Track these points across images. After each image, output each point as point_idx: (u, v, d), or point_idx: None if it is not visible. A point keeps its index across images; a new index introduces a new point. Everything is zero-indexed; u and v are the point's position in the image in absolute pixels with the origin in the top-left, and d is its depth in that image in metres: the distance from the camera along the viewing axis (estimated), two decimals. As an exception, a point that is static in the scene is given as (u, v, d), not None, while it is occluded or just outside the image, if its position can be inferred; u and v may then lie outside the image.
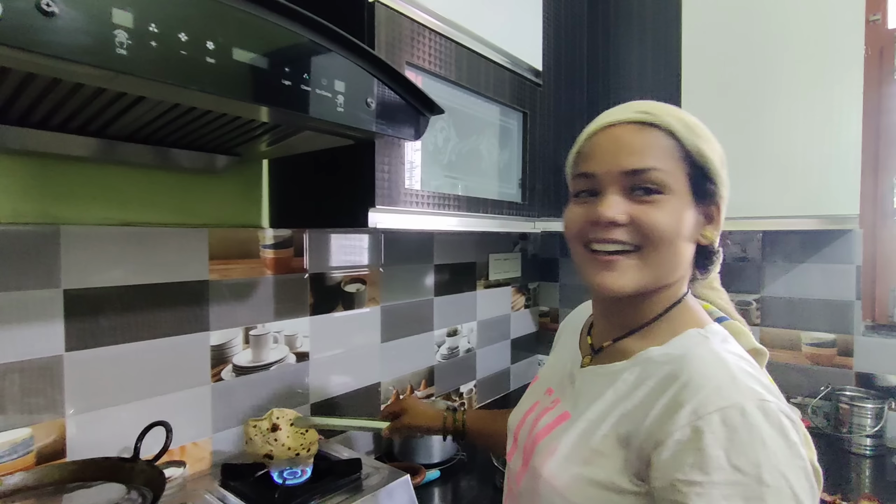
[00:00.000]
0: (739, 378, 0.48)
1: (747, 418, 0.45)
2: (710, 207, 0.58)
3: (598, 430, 0.55)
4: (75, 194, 0.86)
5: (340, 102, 0.66)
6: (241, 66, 0.56)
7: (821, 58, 1.28)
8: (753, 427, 0.45)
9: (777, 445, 0.45)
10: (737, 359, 0.51)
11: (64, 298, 0.84)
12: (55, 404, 0.83)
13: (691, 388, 0.48)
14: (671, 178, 0.55)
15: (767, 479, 0.43)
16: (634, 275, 0.55)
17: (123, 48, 0.46)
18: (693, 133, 0.56)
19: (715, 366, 0.50)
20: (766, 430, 0.45)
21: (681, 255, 0.57)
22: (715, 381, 0.48)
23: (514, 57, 1.22)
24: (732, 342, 0.55)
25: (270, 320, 1.13)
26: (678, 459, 0.46)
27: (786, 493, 0.44)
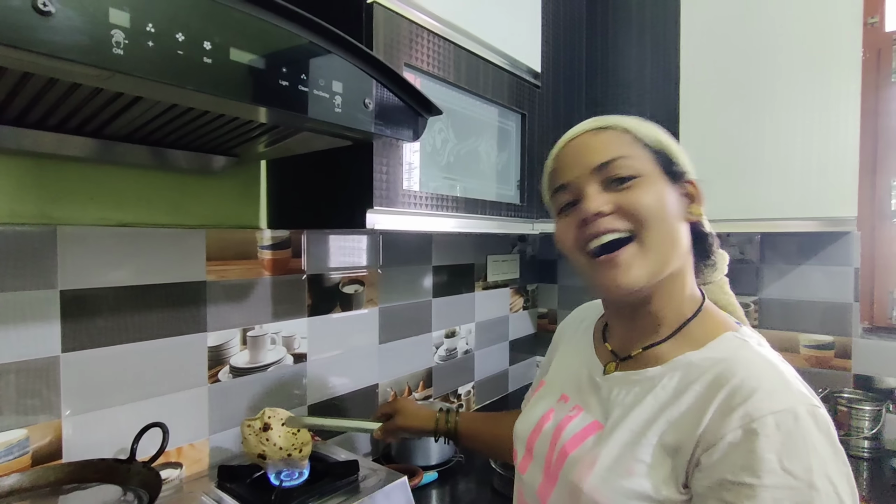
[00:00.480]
0: (791, 382, 0.49)
1: (800, 423, 0.45)
2: (685, 186, 0.60)
3: (643, 439, 0.53)
4: (72, 195, 0.86)
5: (338, 103, 0.66)
6: (238, 66, 0.55)
7: (819, 60, 1.28)
8: (806, 432, 0.45)
9: (826, 452, 0.45)
10: (783, 363, 0.52)
11: (60, 299, 0.83)
12: (51, 405, 0.83)
13: (744, 390, 0.48)
14: (639, 163, 0.57)
15: (818, 483, 0.44)
16: (639, 265, 0.55)
17: (120, 48, 0.46)
18: (645, 127, 0.60)
19: (765, 369, 0.50)
20: (816, 436, 0.45)
21: (676, 232, 0.57)
22: (768, 383, 0.48)
23: (513, 58, 1.22)
24: (767, 345, 0.56)
25: (268, 321, 1.13)
26: (729, 460, 0.46)
27: (833, 498, 0.44)
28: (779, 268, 1.63)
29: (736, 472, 0.46)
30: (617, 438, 0.55)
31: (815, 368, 1.58)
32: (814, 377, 1.58)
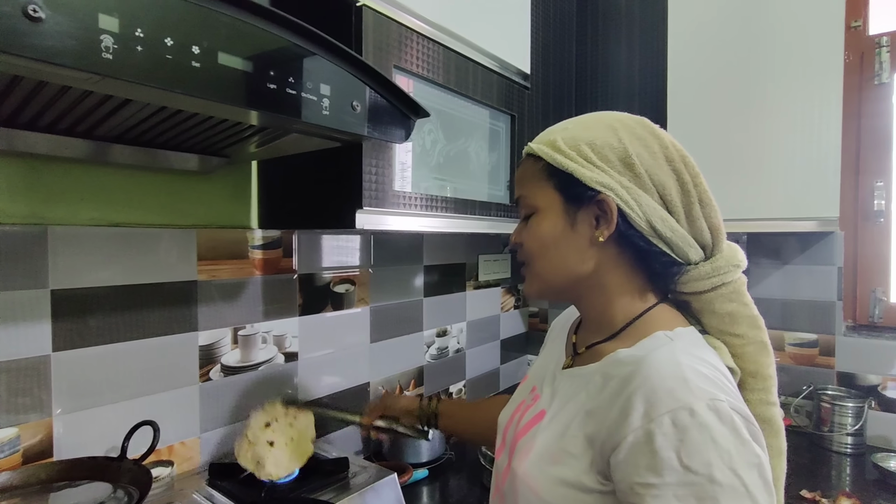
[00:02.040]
0: (691, 379, 0.49)
1: (697, 418, 0.46)
2: (595, 207, 0.59)
3: (569, 431, 0.56)
4: (63, 195, 0.87)
5: (326, 106, 0.67)
6: (226, 69, 0.57)
7: (803, 63, 1.31)
8: (704, 426, 0.46)
9: (729, 443, 0.46)
10: (694, 360, 0.52)
11: (51, 299, 0.84)
12: (42, 404, 0.84)
13: (643, 390, 0.49)
14: (539, 199, 0.63)
15: (719, 477, 0.45)
16: (530, 282, 0.66)
17: (109, 52, 0.47)
18: (554, 149, 0.61)
19: (669, 367, 0.50)
20: (716, 429, 0.46)
21: (566, 260, 0.62)
22: (667, 382, 0.49)
23: (502, 60, 1.24)
24: (702, 347, 0.57)
25: (259, 321, 1.14)
26: (633, 462, 0.48)
27: (739, 490, 0.45)
28: (764, 267, 1.65)
29: (640, 473, 0.47)
30: (551, 429, 0.59)
31: (799, 366, 1.61)
32: (798, 375, 1.60)
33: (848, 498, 1.15)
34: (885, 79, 1.50)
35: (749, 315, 0.60)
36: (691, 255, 0.60)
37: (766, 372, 0.60)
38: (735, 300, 0.60)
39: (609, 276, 0.61)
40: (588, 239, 0.60)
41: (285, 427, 0.95)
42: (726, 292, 0.60)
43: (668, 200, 0.58)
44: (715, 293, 0.60)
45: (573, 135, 0.61)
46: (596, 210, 0.59)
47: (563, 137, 0.61)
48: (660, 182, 0.58)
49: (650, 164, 0.58)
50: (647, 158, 0.58)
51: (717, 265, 0.59)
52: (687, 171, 0.59)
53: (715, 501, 0.44)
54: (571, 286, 0.63)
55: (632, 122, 0.61)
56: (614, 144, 0.59)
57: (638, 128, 0.60)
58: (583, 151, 0.59)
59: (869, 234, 1.56)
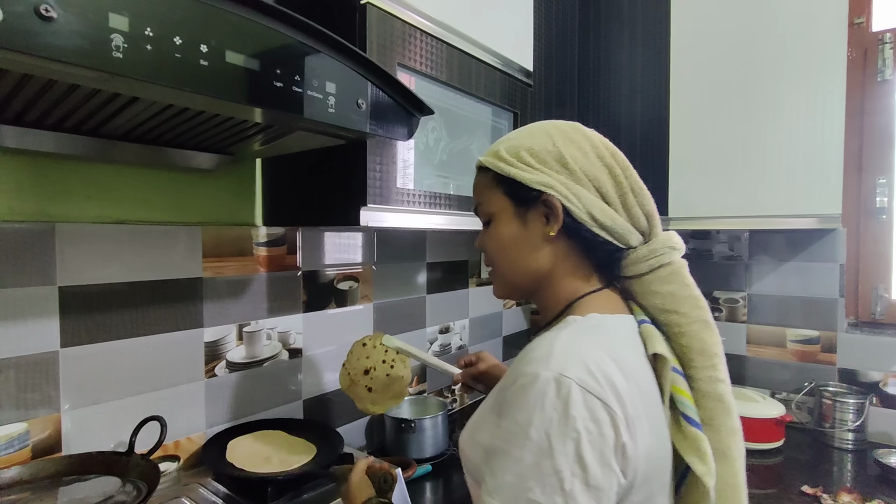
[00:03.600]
0: (555, 354, 0.55)
1: (537, 385, 0.53)
2: (542, 206, 0.64)
3: (492, 401, 0.63)
4: (70, 192, 0.87)
5: (331, 103, 0.68)
6: (233, 68, 0.57)
7: (806, 59, 1.31)
8: (539, 393, 0.53)
9: (554, 413, 0.52)
10: (576, 340, 0.57)
11: (59, 295, 0.85)
12: (51, 399, 0.84)
13: (519, 361, 0.58)
14: (493, 206, 0.68)
15: (532, 434, 0.52)
16: (496, 283, 0.72)
17: (119, 51, 0.48)
18: (498, 158, 0.67)
19: (546, 343, 0.57)
20: (549, 398, 0.52)
21: (523, 259, 0.67)
22: (536, 353, 0.56)
23: (505, 58, 1.24)
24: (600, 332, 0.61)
25: (264, 317, 1.15)
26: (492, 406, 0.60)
27: (544, 450, 0.51)
28: (767, 264, 1.66)
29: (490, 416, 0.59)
30: (485, 401, 0.67)
31: (801, 362, 1.61)
32: (800, 371, 1.61)
33: (849, 493, 1.16)
34: (888, 76, 1.50)
35: (690, 295, 0.64)
36: (631, 241, 0.65)
37: (712, 350, 0.63)
38: (674, 281, 0.65)
39: (559, 269, 0.66)
40: (540, 236, 0.65)
41: (383, 376, 1.01)
42: (665, 274, 0.65)
43: (603, 192, 0.63)
44: (654, 275, 0.65)
45: (514, 143, 0.66)
46: (543, 208, 0.64)
47: (505, 147, 0.67)
48: (594, 176, 0.63)
49: (583, 161, 0.64)
50: (579, 157, 0.64)
51: (653, 248, 0.64)
52: (617, 164, 0.64)
53: (521, 451, 0.52)
54: (532, 283, 0.68)
55: (566, 127, 0.66)
56: (549, 148, 0.64)
57: (571, 131, 0.66)
58: (522, 157, 0.65)
59: (871, 231, 1.56)
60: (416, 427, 1.29)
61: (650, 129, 1.50)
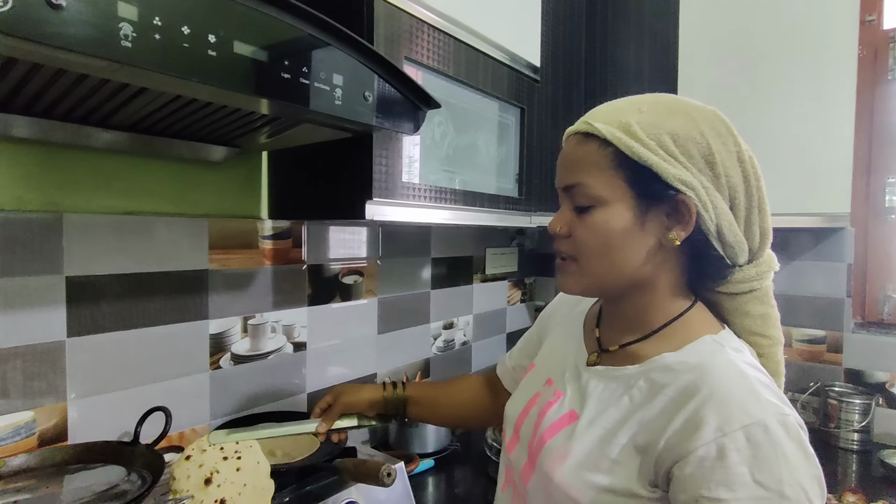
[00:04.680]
0: (761, 393, 0.50)
1: (770, 435, 0.47)
2: (668, 206, 0.55)
3: (615, 438, 0.55)
4: (78, 183, 0.88)
5: (338, 96, 0.68)
6: (241, 58, 0.57)
7: (815, 57, 1.30)
8: (776, 443, 0.47)
9: (797, 459, 0.47)
10: (755, 371, 0.53)
11: (66, 285, 0.85)
12: (57, 389, 0.85)
13: (714, 403, 0.49)
14: (604, 190, 0.56)
15: (788, 492, 0.46)
16: (576, 279, 0.61)
17: (128, 41, 0.48)
18: (631, 136, 0.54)
19: (736, 379, 0.51)
20: (787, 446, 0.47)
21: (625, 261, 0.57)
22: (738, 395, 0.49)
23: (512, 53, 1.24)
24: (746, 352, 0.58)
25: (269, 310, 1.15)
26: (703, 476, 0.48)
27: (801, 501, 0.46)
28: (773, 263, 1.65)
29: (711, 487, 0.47)
30: (590, 434, 0.57)
31: (807, 362, 1.61)
32: (806, 371, 1.60)
33: (854, 494, 1.15)
34: (899, 74, 1.48)
35: (777, 316, 0.62)
36: (740, 259, 0.57)
37: (781, 370, 0.62)
38: (766, 302, 0.61)
39: (661, 278, 0.59)
40: (657, 240, 0.56)
41: (232, 477, 0.73)
42: (760, 294, 0.60)
43: (735, 204, 0.55)
44: (751, 295, 0.59)
45: (652, 121, 0.54)
46: (668, 209, 0.55)
47: (639, 122, 0.54)
48: (732, 184, 0.55)
49: (728, 163, 0.55)
50: (725, 157, 0.54)
51: (761, 269, 0.58)
52: (753, 173, 0.56)
53: None
54: (625, 287, 0.59)
55: (710, 114, 0.57)
56: (697, 138, 0.54)
57: (716, 121, 0.56)
58: (665, 143, 0.53)
59: (880, 230, 1.55)
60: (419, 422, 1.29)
61: (657, 126, 1.49)
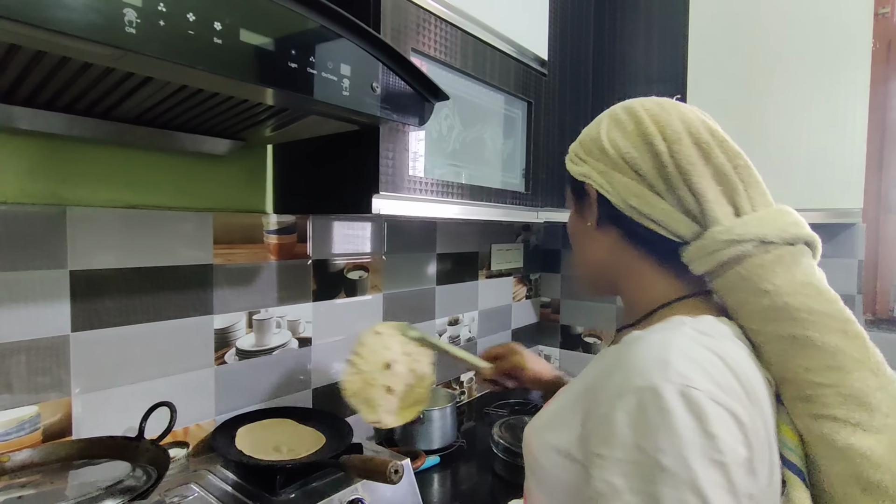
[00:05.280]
0: (672, 361, 0.46)
1: (660, 402, 0.44)
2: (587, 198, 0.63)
3: (568, 401, 0.59)
4: (82, 176, 0.87)
5: (346, 86, 0.67)
6: (248, 47, 0.56)
7: (828, 51, 1.28)
8: (665, 412, 0.44)
9: (688, 433, 0.43)
10: (695, 344, 0.49)
11: (70, 279, 0.85)
12: (61, 383, 0.84)
13: (623, 367, 0.49)
14: (567, 201, 0.70)
15: (667, 463, 0.43)
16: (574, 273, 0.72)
17: (132, 27, 0.47)
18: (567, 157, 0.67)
19: (656, 347, 0.49)
20: (679, 418, 0.44)
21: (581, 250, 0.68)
22: (644, 361, 0.48)
23: (520, 46, 1.22)
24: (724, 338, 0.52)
25: (274, 305, 1.14)
26: (595, 432, 0.49)
27: (684, 480, 0.43)
28: (782, 260, 1.63)
29: (596, 443, 0.48)
30: (558, 399, 0.62)
31: (816, 360, 1.59)
32: (815, 369, 1.58)
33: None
34: (912, 68, 1.46)
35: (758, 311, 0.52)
36: (680, 229, 0.55)
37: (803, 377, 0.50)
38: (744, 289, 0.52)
39: (634, 267, 0.61)
40: (593, 226, 0.64)
41: (405, 371, 0.79)
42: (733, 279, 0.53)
43: (642, 174, 0.56)
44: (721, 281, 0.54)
45: (577, 139, 0.66)
46: (588, 199, 0.63)
47: (572, 145, 0.67)
48: (631, 158, 0.57)
49: (622, 143, 0.58)
50: (619, 139, 0.58)
51: (713, 238, 0.53)
52: (664, 139, 0.55)
53: (654, 485, 0.43)
54: (599, 276, 0.67)
55: (618, 108, 0.61)
56: (593, 135, 0.62)
57: (620, 112, 0.61)
58: (575, 150, 0.65)
59: (891, 226, 1.52)
60: (424, 418, 1.29)
61: (666, 120, 1.47)
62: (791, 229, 0.52)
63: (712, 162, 0.54)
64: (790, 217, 0.53)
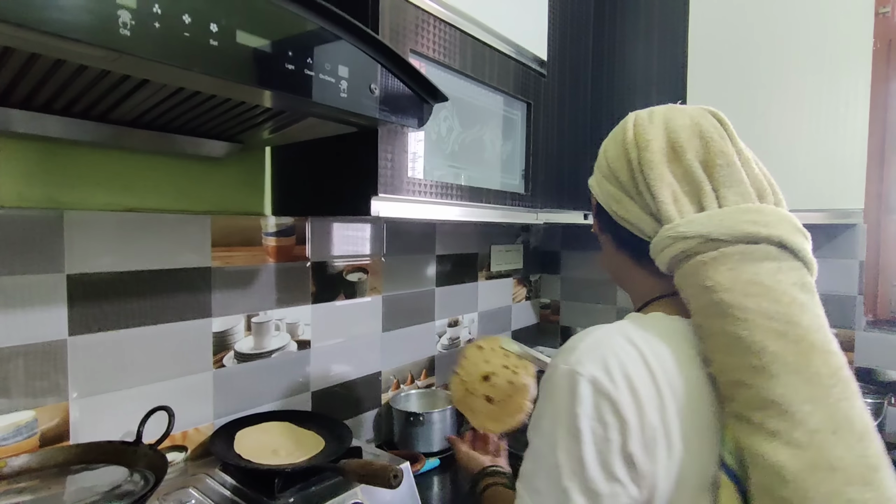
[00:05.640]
0: (576, 349, 0.54)
1: (553, 377, 0.54)
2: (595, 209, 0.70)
3: None
4: (79, 179, 0.86)
5: (344, 88, 0.66)
6: (244, 49, 0.55)
7: (829, 50, 1.27)
8: (553, 384, 0.54)
9: (561, 406, 0.52)
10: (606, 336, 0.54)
11: (67, 283, 0.84)
12: (59, 388, 0.84)
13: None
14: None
15: (543, 424, 0.54)
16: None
17: (127, 28, 0.46)
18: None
19: (579, 337, 0.56)
20: (559, 389, 0.52)
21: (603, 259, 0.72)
22: (564, 347, 0.56)
23: (519, 46, 1.22)
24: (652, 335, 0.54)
25: (272, 308, 1.13)
26: None
27: (548, 440, 0.52)
28: (783, 260, 1.62)
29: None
30: None
31: (817, 361, 1.58)
32: (816, 370, 1.57)
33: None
34: (912, 67, 1.45)
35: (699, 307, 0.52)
36: (646, 229, 0.58)
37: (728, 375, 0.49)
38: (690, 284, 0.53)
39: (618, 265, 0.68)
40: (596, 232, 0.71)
41: (504, 383, 0.86)
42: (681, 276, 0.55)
43: (621, 181, 0.61)
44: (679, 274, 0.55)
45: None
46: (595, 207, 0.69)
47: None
48: (615, 167, 0.62)
49: (612, 153, 0.63)
50: (610, 148, 0.64)
51: (664, 235, 0.55)
52: (636, 146, 0.59)
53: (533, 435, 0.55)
54: (612, 278, 0.72)
55: (623, 122, 0.64)
56: (601, 152, 0.67)
57: (620, 124, 0.65)
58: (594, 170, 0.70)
59: (892, 227, 1.52)
60: (424, 420, 1.28)
61: (666, 121, 1.46)
62: (744, 227, 0.51)
63: (682, 163, 0.57)
64: (749, 216, 0.52)
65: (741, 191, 0.55)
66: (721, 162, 0.56)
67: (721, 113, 0.61)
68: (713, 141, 0.57)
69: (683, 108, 0.61)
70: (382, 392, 1.41)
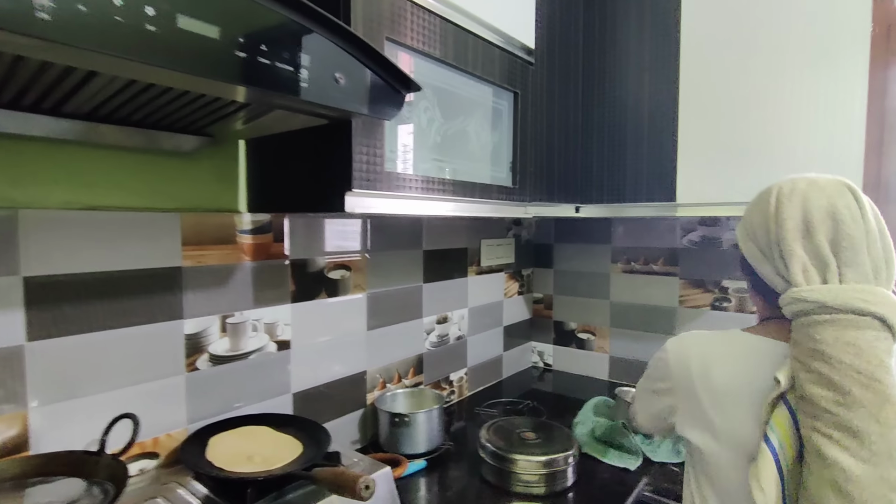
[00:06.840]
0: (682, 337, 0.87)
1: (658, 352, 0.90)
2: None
3: None
4: (34, 176, 0.82)
5: (304, 77, 0.62)
6: (187, 34, 0.51)
7: (826, 35, 1.22)
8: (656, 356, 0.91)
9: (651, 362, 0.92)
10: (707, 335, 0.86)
11: (24, 286, 0.80)
12: (17, 396, 0.80)
13: None
14: None
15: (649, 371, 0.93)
16: None
17: (45, 11, 0.42)
18: None
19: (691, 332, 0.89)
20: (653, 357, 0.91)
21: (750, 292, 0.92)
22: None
23: (505, 33, 1.17)
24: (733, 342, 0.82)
25: (249, 308, 1.09)
26: None
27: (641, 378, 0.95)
28: (779, 253, 1.58)
29: None
30: None
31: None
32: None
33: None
34: (913, 53, 1.41)
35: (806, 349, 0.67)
36: (776, 284, 0.74)
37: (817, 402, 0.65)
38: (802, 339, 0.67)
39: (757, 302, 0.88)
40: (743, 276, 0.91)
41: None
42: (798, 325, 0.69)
43: (760, 246, 0.77)
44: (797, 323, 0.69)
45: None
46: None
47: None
48: (754, 230, 0.78)
49: (756, 220, 0.78)
50: (755, 216, 0.79)
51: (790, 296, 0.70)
52: (775, 221, 0.74)
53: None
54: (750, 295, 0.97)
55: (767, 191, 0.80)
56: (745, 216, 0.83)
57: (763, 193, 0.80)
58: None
59: (891, 218, 1.48)
60: (410, 421, 1.25)
61: (658, 109, 1.42)
62: (856, 303, 0.65)
63: (813, 241, 0.70)
64: (861, 294, 0.66)
65: (860, 271, 0.68)
66: (846, 244, 0.69)
67: (858, 189, 0.73)
68: (844, 223, 0.69)
69: (823, 186, 0.73)
70: (368, 392, 1.37)
